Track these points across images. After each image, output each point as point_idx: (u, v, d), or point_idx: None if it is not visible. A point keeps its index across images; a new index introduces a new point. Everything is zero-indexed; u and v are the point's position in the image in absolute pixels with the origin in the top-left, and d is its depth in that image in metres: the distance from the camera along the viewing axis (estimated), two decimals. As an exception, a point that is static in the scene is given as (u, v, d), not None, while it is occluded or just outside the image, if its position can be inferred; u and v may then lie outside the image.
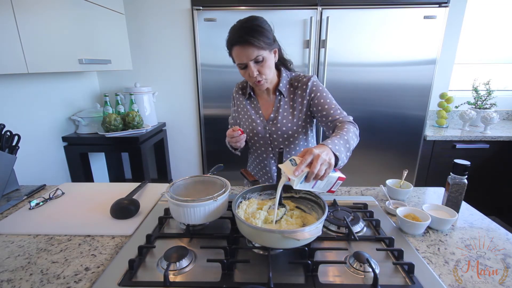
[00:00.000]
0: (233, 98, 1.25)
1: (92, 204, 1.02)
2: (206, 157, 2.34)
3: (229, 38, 0.98)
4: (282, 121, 1.11)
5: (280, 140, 1.13)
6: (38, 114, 1.67)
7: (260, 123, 1.14)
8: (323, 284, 0.64)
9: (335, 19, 1.94)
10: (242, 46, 0.95)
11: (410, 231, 0.84)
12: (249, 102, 1.19)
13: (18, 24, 1.15)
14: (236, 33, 0.96)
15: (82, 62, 1.51)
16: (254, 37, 0.93)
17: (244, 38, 0.93)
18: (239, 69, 1.02)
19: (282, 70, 1.12)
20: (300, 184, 0.74)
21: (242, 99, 1.20)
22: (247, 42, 0.93)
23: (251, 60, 0.96)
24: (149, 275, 0.68)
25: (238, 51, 0.96)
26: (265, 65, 0.99)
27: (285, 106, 1.12)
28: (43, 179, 1.64)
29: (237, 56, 0.98)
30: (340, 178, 0.78)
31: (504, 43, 2.50)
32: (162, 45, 2.21)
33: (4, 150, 1.06)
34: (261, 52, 0.96)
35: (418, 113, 2.08)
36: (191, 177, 0.95)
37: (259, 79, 1.01)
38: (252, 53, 0.95)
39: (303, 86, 1.09)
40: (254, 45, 0.93)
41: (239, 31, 0.95)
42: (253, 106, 1.17)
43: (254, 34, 0.93)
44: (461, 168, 0.87)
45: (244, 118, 1.19)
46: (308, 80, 1.09)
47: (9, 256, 0.75)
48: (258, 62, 0.98)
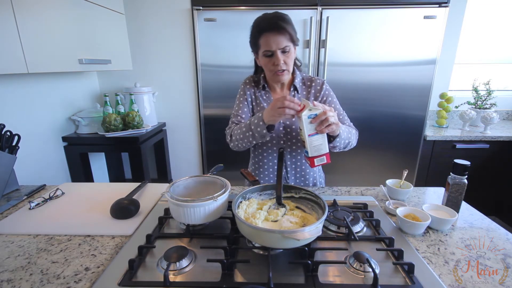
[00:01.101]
0: (243, 92, 1.21)
1: (92, 204, 1.02)
2: (206, 157, 2.34)
3: (259, 24, 1.00)
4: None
5: (294, 134, 1.14)
6: (38, 114, 1.67)
7: None
8: (323, 284, 0.64)
9: (335, 19, 1.94)
10: (275, 32, 0.97)
11: (410, 231, 0.84)
12: (261, 95, 1.18)
13: (18, 24, 1.15)
14: (269, 20, 0.98)
15: (82, 62, 1.51)
16: (287, 26, 0.97)
17: (278, 25, 0.97)
18: (262, 58, 1.04)
19: (295, 69, 1.15)
20: (308, 118, 0.86)
21: (254, 91, 1.19)
22: (281, 28, 0.97)
23: (280, 48, 0.99)
24: (149, 275, 0.68)
25: (269, 37, 0.98)
26: (290, 57, 1.02)
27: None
28: (43, 179, 1.64)
29: (266, 43, 0.99)
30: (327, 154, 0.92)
31: (504, 43, 2.50)
32: (162, 45, 2.21)
33: (4, 150, 1.06)
34: (289, 43, 1.00)
35: (418, 113, 2.08)
36: (191, 177, 0.95)
37: (284, 68, 1.02)
38: (282, 41, 0.98)
39: (317, 87, 1.14)
40: (286, 33, 0.98)
41: (272, 19, 0.98)
42: (266, 99, 1.18)
43: (287, 24, 0.98)
44: (461, 168, 0.87)
45: (256, 110, 1.19)
46: (323, 83, 1.15)
47: (9, 256, 0.75)
48: (284, 53, 1.01)
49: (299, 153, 1.18)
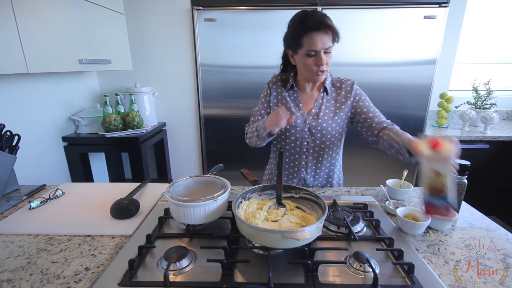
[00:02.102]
0: (268, 88, 1.19)
1: (92, 204, 1.02)
2: (206, 157, 2.34)
3: (305, 23, 0.97)
4: (324, 118, 1.11)
5: (318, 135, 1.12)
6: (38, 114, 1.67)
7: (300, 116, 1.13)
8: (323, 284, 0.64)
9: (335, 19, 1.89)
10: (322, 32, 0.96)
11: (410, 231, 0.84)
12: (289, 94, 1.16)
13: (18, 24, 1.15)
14: (317, 20, 0.96)
15: (82, 62, 1.51)
16: (333, 26, 0.96)
17: (328, 26, 0.95)
18: (304, 56, 1.00)
19: None
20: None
21: (281, 90, 1.17)
22: (330, 28, 0.95)
23: (325, 48, 0.98)
24: (149, 275, 0.68)
25: (316, 36, 0.96)
26: (330, 57, 1.02)
27: (327, 103, 1.13)
28: (43, 179, 1.64)
29: (313, 42, 0.97)
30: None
31: (504, 43, 2.50)
32: (162, 45, 2.21)
33: (4, 150, 1.06)
34: (332, 44, 0.99)
35: (418, 113, 2.08)
36: (191, 177, 0.95)
37: (325, 68, 1.01)
38: (328, 42, 0.97)
39: (348, 88, 1.13)
40: (334, 34, 0.97)
41: (320, 18, 0.96)
42: (293, 99, 1.15)
43: (333, 24, 0.97)
44: (461, 168, 0.87)
45: None
46: (353, 84, 1.14)
47: (9, 256, 0.75)
48: (326, 53, 1.00)
49: (321, 155, 1.16)
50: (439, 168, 0.69)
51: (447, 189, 0.70)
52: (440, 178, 0.69)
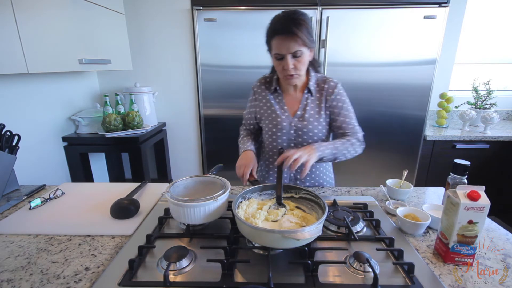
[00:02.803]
0: (254, 92, 1.21)
1: (92, 204, 1.02)
2: (206, 157, 2.34)
3: (273, 26, 0.98)
4: (309, 119, 1.10)
5: (305, 137, 1.12)
6: (38, 114, 1.67)
7: (286, 119, 1.12)
8: (323, 284, 0.64)
9: (335, 19, 1.94)
10: (285, 36, 0.94)
11: (410, 231, 0.84)
12: (273, 97, 1.16)
13: (18, 24, 1.15)
14: (282, 23, 0.95)
15: (82, 62, 1.51)
16: (299, 30, 0.93)
17: (290, 29, 0.93)
18: (274, 59, 1.02)
19: (310, 70, 1.12)
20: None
21: (265, 93, 1.17)
22: (293, 33, 0.93)
23: (290, 52, 0.96)
24: (149, 275, 0.68)
25: (280, 41, 0.96)
26: (301, 61, 0.99)
27: (312, 104, 1.11)
28: (43, 179, 1.64)
29: (277, 47, 0.97)
30: None
31: (504, 43, 2.50)
32: (162, 45, 2.21)
33: (4, 150, 1.06)
34: (302, 47, 0.96)
35: (418, 113, 2.08)
36: (191, 177, 0.95)
37: (293, 73, 1.00)
38: (294, 46, 0.95)
39: (329, 90, 1.10)
40: (298, 38, 0.94)
41: (285, 21, 0.95)
42: (278, 101, 1.15)
43: (300, 28, 0.93)
44: (461, 168, 0.87)
45: (266, 113, 1.16)
46: (335, 87, 1.10)
47: (9, 256, 0.75)
48: (295, 57, 0.98)
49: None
50: (474, 217, 0.68)
51: (478, 238, 0.70)
52: (474, 227, 0.69)
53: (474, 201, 0.67)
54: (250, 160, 1.08)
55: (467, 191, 0.68)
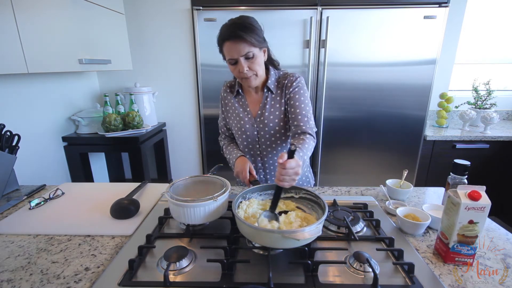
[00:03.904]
0: (221, 98, 1.25)
1: (92, 204, 1.02)
2: (206, 157, 2.34)
3: (221, 34, 1.00)
4: (269, 117, 1.12)
5: (267, 136, 1.14)
6: (38, 114, 1.67)
7: (248, 121, 1.15)
8: (323, 284, 0.64)
9: (335, 19, 1.94)
10: (234, 41, 0.96)
11: (410, 231, 0.84)
12: (237, 100, 1.19)
13: (18, 24, 1.15)
14: (228, 29, 0.98)
15: (82, 62, 1.51)
16: (246, 33, 0.95)
17: (236, 33, 0.95)
18: (229, 65, 1.04)
19: (270, 68, 1.14)
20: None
21: (230, 97, 1.20)
22: (239, 37, 0.95)
23: (241, 55, 0.98)
24: (149, 275, 0.68)
25: (230, 46, 0.98)
26: (255, 62, 1.01)
27: (271, 102, 1.13)
28: (43, 179, 1.64)
29: (228, 52, 0.99)
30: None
31: (504, 43, 2.50)
32: (162, 45, 2.21)
33: (4, 150, 1.06)
34: (252, 48, 0.98)
35: (418, 113, 2.08)
36: (191, 177, 0.95)
37: (249, 74, 1.03)
38: (243, 48, 0.97)
39: (288, 84, 1.10)
40: (245, 40, 0.96)
41: (231, 27, 0.97)
42: (241, 104, 1.18)
43: (246, 31, 0.96)
44: (461, 168, 0.87)
45: (232, 117, 1.20)
46: (295, 79, 1.10)
47: (9, 256, 0.75)
48: (248, 59, 1.00)
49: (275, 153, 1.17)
50: (475, 217, 0.68)
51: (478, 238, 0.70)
52: (474, 227, 0.69)
53: (475, 201, 0.67)
54: (245, 164, 1.09)
55: (468, 191, 0.68)
